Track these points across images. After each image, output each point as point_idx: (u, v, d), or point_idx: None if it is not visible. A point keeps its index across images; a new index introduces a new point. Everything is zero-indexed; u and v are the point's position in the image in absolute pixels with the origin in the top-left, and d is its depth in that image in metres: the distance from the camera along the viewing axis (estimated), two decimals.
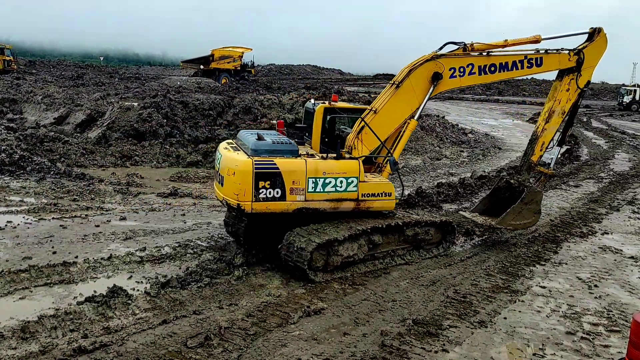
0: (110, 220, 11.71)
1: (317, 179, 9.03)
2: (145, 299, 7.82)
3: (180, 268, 9.16)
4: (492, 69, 10.68)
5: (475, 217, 11.55)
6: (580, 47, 11.27)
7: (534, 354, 6.88)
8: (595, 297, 8.76)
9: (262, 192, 8.73)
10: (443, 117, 33.12)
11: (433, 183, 16.65)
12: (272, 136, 9.58)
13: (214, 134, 20.93)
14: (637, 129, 36.92)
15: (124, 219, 11.85)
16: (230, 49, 55.25)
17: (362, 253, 9.31)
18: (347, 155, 9.47)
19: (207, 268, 8.98)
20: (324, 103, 10.64)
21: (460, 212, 12.57)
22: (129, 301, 7.69)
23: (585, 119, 41.60)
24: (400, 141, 10.25)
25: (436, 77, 10.13)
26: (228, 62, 54.08)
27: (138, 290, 8.14)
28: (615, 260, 10.68)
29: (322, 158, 9.30)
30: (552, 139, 11.64)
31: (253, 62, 59.78)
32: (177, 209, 13.04)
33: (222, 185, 9.19)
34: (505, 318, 7.85)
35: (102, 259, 9.33)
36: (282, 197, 8.85)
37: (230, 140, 10.52)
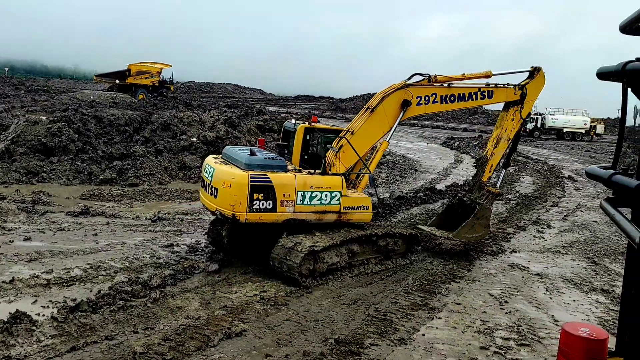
0: (13, 241, 10.88)
1: (305, 193, 9.87)
2: (52, 325, 7.27)
3: (91, 291, 8.63)
4: (452, 98, 11.97)
5: (433, 231, 12.59)
6: (523, 83, 12.72)
7: None
8: (506, 313, 9.19)
9: (256, 203, 9.44)
10: None
11: None
12: (262, 152, 10.31)
13: (129, 151, 20.13)
14: (540, 154, 39.64)
15: (28, 239, 11.05)
16: (148, 64, 53.82)
17: (343, 261, 10.13)
18: (330, 172, 10.34)
19: (121, 290, 8.52)
20: (304, 123, 11.53)
21: (418, 226, 13.30)
22: (33, 327, 7.12)
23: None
24: (374, 160, 11.56)
25: (405, 104, 11.29)
26: (146, 78, 52.62)
27: (43, 315, 7.56)
28: (522, 277, 11.28)
29: (309, 173, 10.18)
30: (499, 162, 13.05)
31: (172, 79, 58.54)
32: (88, 228, 12.35)
33: (215, 197, 9.70)
34: (423, 335, 8.03)
35: (3, 282, 8.61)
36: (274, 209, 9.62)
37: (215, 155, 11.21)
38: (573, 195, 22.27)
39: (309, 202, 9.93)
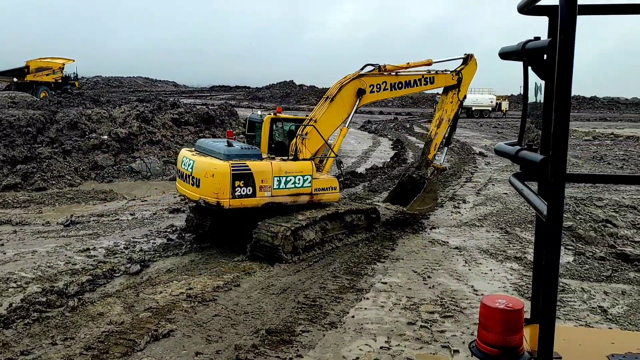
0: None
1: (281, 178, 10.79)
2: None
3: (1, 305, 8.04)
4: (400, 85, 13.07)
5: (388, 206, 13.75)
6: (458, 69, 14.03)
7: (381, 347, 7.25)
8: (430, 287, 9.54)
9: (237, 190, 10.23)
10: None
11: None
12: (238, 143, 11.27)
13: (34, 153, 18.87)
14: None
15: None
16: (49, 60, 50.48)
17: (318, 238, 11.11)
18: (300, 157, 11.21)
19: (34, 302, 8.01)
20: (270, 114, 12.30)
21: (374, 203, 14.27)
22: None
23: (408, 125, 45.52)
24: (337, 144, 12.55)
25: (360, 92, 12.27)
26: (47, 75, 49.38)
27: None
28: (443, 251, 11.76)
29: (283, 160, 11.12)
30: (442, 141, 14.44)
31: (76, 74, 55.36)
32: None
33: (198, 186, 10.39)
34: (353, 316, 8.17)
35: None
36: (253, 194, 10.46)
37: (188, 149, 11.96)
38: (484, 170, 23.46)
39: (284, 186, 10.86)
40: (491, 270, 10.55)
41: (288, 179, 10.88)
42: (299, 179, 11.04)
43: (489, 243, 12.40)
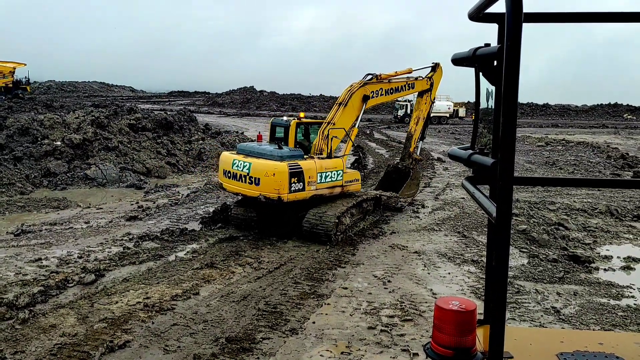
0: None
1: (322, 173, 12.78)
2: None
3: None
4: (391, 91, 15.37)
5: (381, 193, 15.71)
6: (429, 75, 16.73)
7: (342, 353, 7.26)
8: (390, 292, 9.62)
9: (293, 186, 12.03)
10: (242, 132, 33.63)
11: (237, 198, 16.70)
12: (284, 146, 12.80)
13: None
14: None
15: None
16: None
17: (350, 222, 13.24)
18: (333, 155, 13.30)
19: None
20: (295, 119, 13.99)
21: (369, 191, 16.12)
22: None
23: (368, 131, 45.95)
24: (350, 142, 14.59)
25: (365, 98, 14.40)
26: None
27: None
28: (402, 256, 11.89)
29: (320, 158, 12.99)
30: (419, 136, 17.04)
31: (28, 79, 53.68)
32: None
33: (257, 184, 12.08)
34: (314, 322, 8.16)
35: None
36: (303, 188, 12.33)
37: (230, 152, 13.60)
38: (442, 175, 23.88)
39: (324, 180, 12.87)
40: (449, 273, 10.73)
41: (327, 174, 12.91)
42: (334, 174, 13.13)
43: (447, 247, 12.61)
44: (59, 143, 20.40)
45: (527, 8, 1.78)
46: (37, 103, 40.81)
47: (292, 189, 12.04)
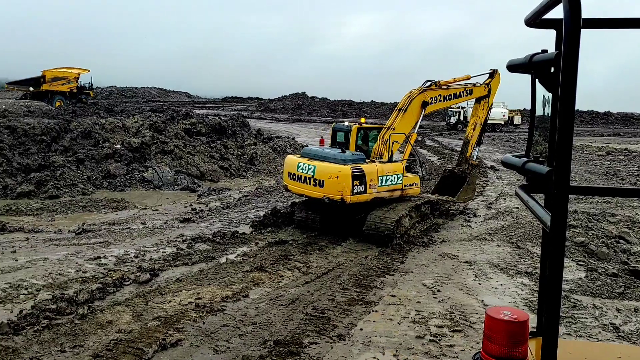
0: None
1: (383, 177, 13.16)
2: None
3: (11, 312, 8.11)
4: (449, 97, 15.62)
5: (438, 197, 15.92)
6: (487, 82, 16.89)
7: None
8: (439, 301, 9.47)
9: (355, 188, 12.46)
10: (293, 138, 33.97)
11: (287, 203, 16.89)
12: (347, 150, 13.52)
13: (48, 161, 19.10)
14: None
15: None
16: (64, 70, 51.24)
17: (410, 224, 13.50)
18: (384, 159, 13.60)
19: (45, 309, 8.07)
20: (356, 124, 14.54)
21: (425, 195, 15.85)
22: None
23: (419, 138, 45.44)
24: (410, 146, 14.85)
25: (424, 104, 14.73)
26: (62, 84, 50.09)
27: None
28: (453, 265, 11.68)
29: (382, 162, 13.38)
30: (476, 141, 17.26)
31: (91, 84, 56.06)
32: (5, 245, 11.61)
33: (322, 186, 12.64)
34: (361, 329, 8.13)
35: None
36: (365, 191, 12.74)
37: (296, 155, 14.34)
38: (496, 184, 23.33)
39: (385, 184, 13.24)
40: (502, 285, 10.46)
41: (387, 177, 13.30)
42: (394, 177, 13.52)
43: (499, 257, 12.30)
44: (118, 146, 21.24)
45: (586, 14, 1.74)
46: (99, 108, 42.61)
47: (355, 191, 12.47)
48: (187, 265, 10.84)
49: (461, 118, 61.89)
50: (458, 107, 59.91)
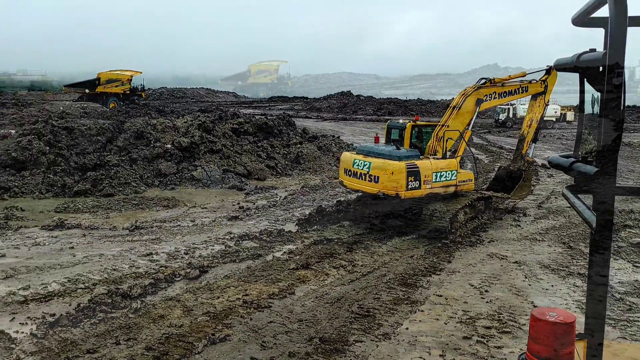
0: None
1: (437, 173, 13.34)
2: (31, 342, 7.16)
3: (70, 305, 8.51)
4: (504, 94, 15.59)
5: (494, 194, 16.10)
6: (544, 78, 16.62)
7: None
8: (487, 302, 9.32)
9: (410, 184, 12.74)
10: (338, 137, 34.00)
11: (332, 201, 16.97)
12: (402, 147, 13.83)
13: (103, 161, 19.88)
14: (512, 144, 40.22)
15: (3, 255, 10.85)
16: (118, 72, 53.19)
17: (465, 219, 13.90)
18: (447, 155, 13.85)
19: (101, 302, 8.43)
20: (410, 122, 14.87)
21: (480, 192, 16.20)
22: (12, 345, 7.02)
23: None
24: (463, 144, 14.81)
25: (479, 102, 14.82)
26: (116, 86, 51.99)
27: (22, 332, 7.45)
28: (501, 265, 11.45)
29: (436, 159, 13.55)
30: (532, 138, 17.09)
31: (143, 86, 57.90)
32: (64, 242, 12.17)
33: (376, 182, 12.97)
34: (407, 328, 8.11)
35: None
36: (419, 187, 13.00)
37: (352, 152, 14.64)
38: (547, 183, 22.66)
39: (439, 180, 13.45)
40: (552, 286, 10.19)
41: (441, 173, 13.48)
42: (449, 173, 13.66)
43: (550, 258, 11.97)
44: (169, 146, 21.86)
45: (634, 11, 1.72)
46: (151, 108, 43.97)
47: (409, 186, 12.76)
48: (235, 262, 11.07)
49: (510, 115, 60.34)
50: (507, 104, 58.36)
